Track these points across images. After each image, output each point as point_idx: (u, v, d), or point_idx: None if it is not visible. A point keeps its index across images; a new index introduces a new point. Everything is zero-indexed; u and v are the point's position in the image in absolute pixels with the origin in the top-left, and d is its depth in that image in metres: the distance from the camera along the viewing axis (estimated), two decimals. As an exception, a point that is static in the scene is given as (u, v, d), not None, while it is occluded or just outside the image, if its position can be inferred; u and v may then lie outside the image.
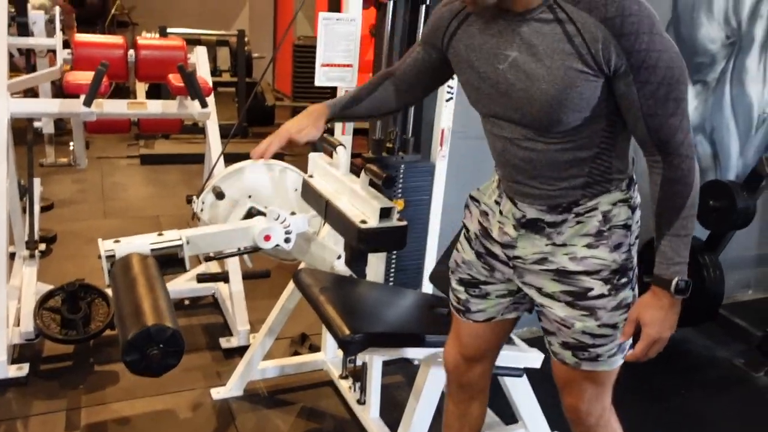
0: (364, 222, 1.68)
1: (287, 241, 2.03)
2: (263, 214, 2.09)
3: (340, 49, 2.06)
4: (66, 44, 3.19)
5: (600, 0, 1.24)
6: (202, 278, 2.96)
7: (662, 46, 1.25)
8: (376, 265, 2.45)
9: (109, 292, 2.53)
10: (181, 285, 3.13)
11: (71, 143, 3.94)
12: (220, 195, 2.15)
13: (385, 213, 1.67)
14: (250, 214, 2.20)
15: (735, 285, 3.54)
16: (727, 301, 3.23)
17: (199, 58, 3.20)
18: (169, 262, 1.88)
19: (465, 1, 1.35)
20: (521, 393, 2.13)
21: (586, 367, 1.50)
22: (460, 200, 2.30)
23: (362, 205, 1.74)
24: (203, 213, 2.23)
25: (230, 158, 2.42)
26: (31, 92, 4.49)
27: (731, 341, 3.12)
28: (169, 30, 5.86)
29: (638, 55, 1.24)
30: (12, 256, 3.09)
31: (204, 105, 2.71)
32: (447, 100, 2.32)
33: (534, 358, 2.08)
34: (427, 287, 2.54)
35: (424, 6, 2.20)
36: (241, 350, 2.67)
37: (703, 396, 2.74)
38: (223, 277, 2.93)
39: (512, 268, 1.55)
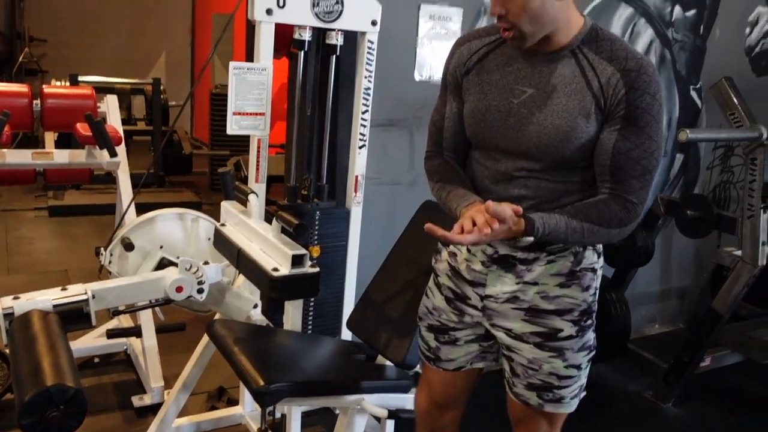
0: (276, 270, 1.68)
1: (200, 291, 1.99)
2: (175, 264, 2.05)
3: (251, 98, 2.08)
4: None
5: (621, 53, 1.36)
6: (112, 333, 2.82)
7: (657, 113, 1.35)
8: (293, 314, 2.43)
9: (8, 352, 2.39)
10: (90, 342, 2.99)
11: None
12: (128, 246, 2.09)
13: (297, 260, 1.67)
14: (162, 264, 2.16)
15: (641, 320, 3.71)
16: (635, 336, 3.38)
17: (110, 107, 3.14)
18: (74, 318, 1.81)
19: (510, 38, 1.38)
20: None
21: (548, 409, 1.53)
22: (376, 247, 2.34)
23: (274, 252, 1.74)
24: (111, 265, 2.16)
25: (145, 208, 2.36)
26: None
27: (640, 374, 3.24)
28: (80, 78, 5.71)
29: (635, 111, 1.34)
30: None
31: (113, 154, 2.64)
32: (360, 147, 2.36)
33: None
34: (346, 334, 2.53)
35: (334, 56, 2.25)
36: (155, 408, 2.56)
37: (617, 430, 2.82)
38: (136, 331, 2.81)
39: (481, 310, 1.56)
